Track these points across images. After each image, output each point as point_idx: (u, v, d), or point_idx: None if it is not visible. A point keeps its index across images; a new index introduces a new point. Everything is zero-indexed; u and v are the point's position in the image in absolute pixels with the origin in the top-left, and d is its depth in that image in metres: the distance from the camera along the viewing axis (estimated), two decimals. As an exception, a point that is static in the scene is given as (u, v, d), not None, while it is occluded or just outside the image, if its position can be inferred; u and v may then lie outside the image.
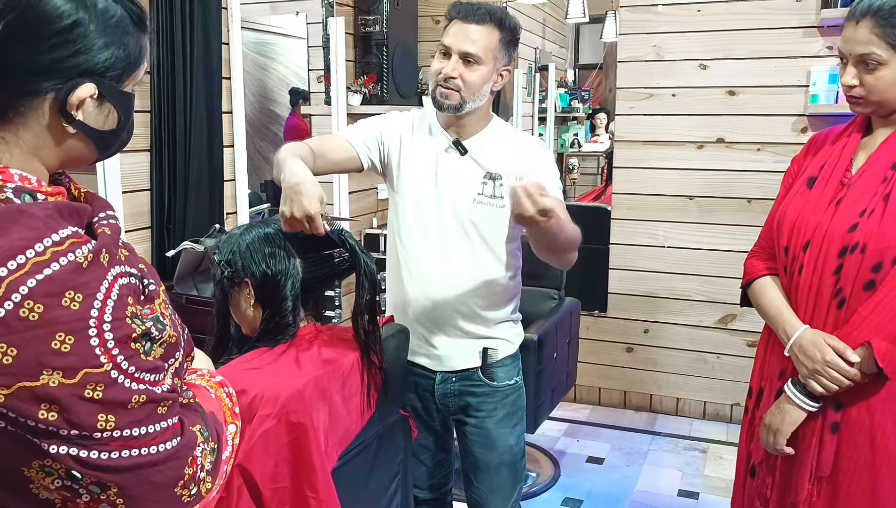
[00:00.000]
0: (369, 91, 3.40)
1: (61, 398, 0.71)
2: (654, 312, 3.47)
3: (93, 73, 0.79)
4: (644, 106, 3.34)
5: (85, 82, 0.79)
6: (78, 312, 0.71)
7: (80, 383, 0.71)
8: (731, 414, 3.42)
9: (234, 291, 1.41)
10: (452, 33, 1.63)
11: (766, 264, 1.60)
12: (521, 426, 1.83)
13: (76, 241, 0.74)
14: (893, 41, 1.35)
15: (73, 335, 0.71)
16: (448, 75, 1.61)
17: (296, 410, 1.23)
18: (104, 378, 0.73)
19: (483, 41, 1.61)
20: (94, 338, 0.72)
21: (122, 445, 0.75)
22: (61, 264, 0.71)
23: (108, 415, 0.73)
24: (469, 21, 1.61)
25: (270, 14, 3.73)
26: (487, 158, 1.69)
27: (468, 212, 1.68)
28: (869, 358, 1.36)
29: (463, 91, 1.62)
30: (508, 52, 1.67)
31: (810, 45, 3.04)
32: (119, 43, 0.81)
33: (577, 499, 2.79)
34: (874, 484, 1.42)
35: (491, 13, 1.62)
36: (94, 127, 0.82)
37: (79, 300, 0.72)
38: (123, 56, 0.82)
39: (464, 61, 1.62)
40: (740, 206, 3.23)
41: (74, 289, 0.72)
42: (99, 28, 0.79)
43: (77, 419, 0.72)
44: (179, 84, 2.42)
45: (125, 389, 0.74)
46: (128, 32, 0.82)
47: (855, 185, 1.44)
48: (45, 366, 0.70)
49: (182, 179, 2.48)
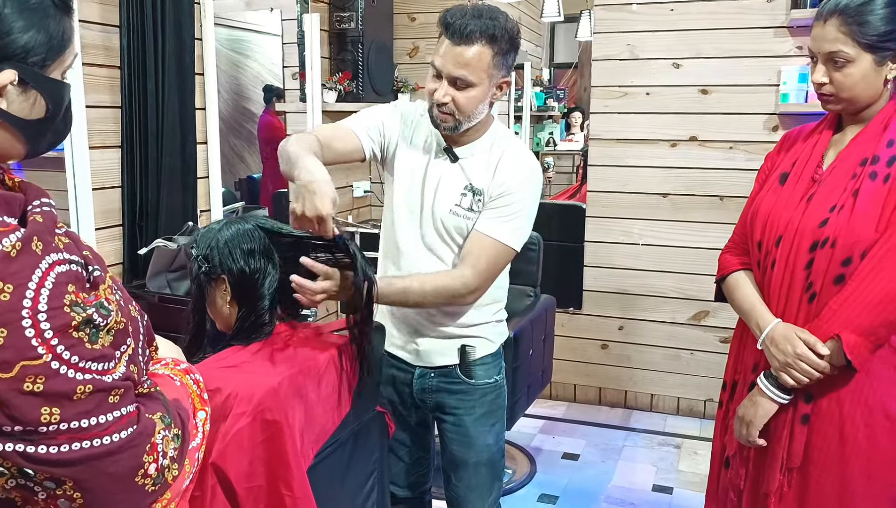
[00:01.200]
0: (344, 88, 3.39)
1: (0, 394, 0.68)
2: (628, 309, 3.50)
3: (12, 57, 0.77)
4: (618, 105, 3.36)
5: (4, 68, 0.76)
6: (9, 303, 0.68)
7: (17, 376, 0.69)
8: (705, 410, 3.46)
9: (210, 287, 1.40)
10: (442, 54, 1.54)
11: (740, 260, 1.63)
12: (500, 425, 1.82)
13: (2, 230, 0.71)
14: (860, 39, 1.37)
15: (5, 327, 0.68)
16: (440, 101, 1.55)
17: (270, 408, 1.22)
18: (44, 370, 0.70)
19: (474, 63, 1.52)
20: (29, 329, 0.69)
21: (71, 437, 0.72)
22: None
23: (52, 408, 0.70)
24: (458, 43, 1.51)
25: (245, 10, 3.69)
26: (474, 169, 1.65)
27: (444, 220, 1.65)
28: (838, 351, 1.39)
29: (457, 114, 1.57)
30: (506, 62, 1.58)
31: (781, 44, 3.08)
32: (39, 26, 0.78)
33: (552, 495, 2.80)
34: (843, 474, 1.45)
35: (482, 30, 1.50)
36: (19, 116, 0.79)
37: (9, 291, 0.69)
38: (45, 40, 0.79)
39: (454, 85, 1.54)
40: (713, 203, 3.27)
41: (2, 280, 0.69)
42: (15, 11, 0.76)
43: (18, 413, 0.69)
44: (151, 79, 2.38)
45: (68, 380, 0.72)
46: (48, 15, 0.79)
47: (825, 181, 1.47)
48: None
49: (154, 176, 2.44)
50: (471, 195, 1.64)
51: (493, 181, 1.62)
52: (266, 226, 1.41)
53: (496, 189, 1.62)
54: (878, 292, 1.35)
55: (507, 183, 1.61)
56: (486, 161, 1.65)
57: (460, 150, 1.66)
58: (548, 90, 6.08)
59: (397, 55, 3.80)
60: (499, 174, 1.62)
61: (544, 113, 5.99)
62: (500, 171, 1.63)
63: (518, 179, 1.63)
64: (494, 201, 1.62)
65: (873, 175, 1.40)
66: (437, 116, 1.59)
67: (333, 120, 3.46)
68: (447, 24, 1.53)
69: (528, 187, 1.64)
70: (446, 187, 1.65)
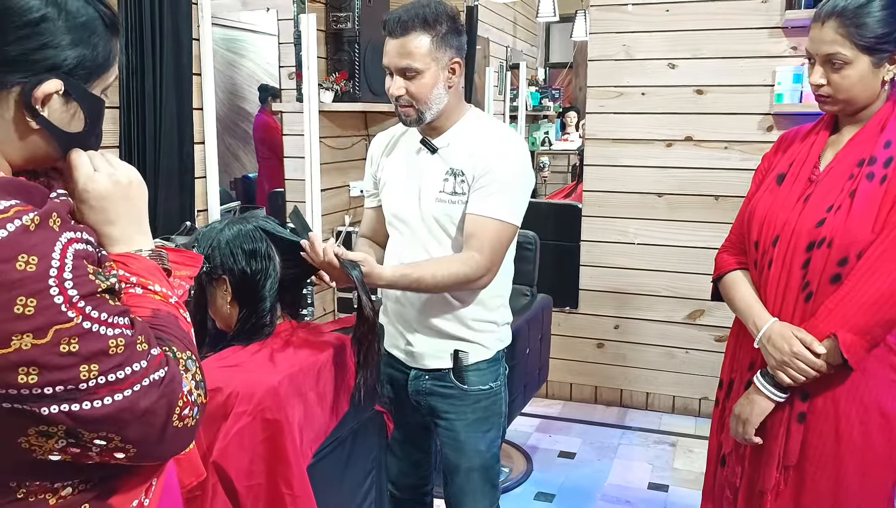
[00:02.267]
0: (341, 88, 3.39)
1: (37, 359, 0.71)
2: (624, 308, 3.51)
3: (59, 69, 0.80)
4: (614, 104, 3.37)
5: (51, 78, 0.80)
6: (35, 273, 0.71)
7: (52, 341, 0.71)
8: (700, 408, 3.47)
9: (211, 287, 1.40)
10: (386, 52, 1.61)
11: (737, 259, 1.64)
12: (494, 432, 1.79)
13: (21, 209, 0.73)
14: (858, 41, 1.39)
15: (34, 296, 0.71)
16: (395, 95, 1.61)
17: (271, 407, 1.23)
18: (76, 331, 0.73)
19: (414, 51, 1.57)
20: (58, 296, 0.72)
21: (114, 389, 0.75)
22: (8, 229, 0.71)
23: (90, 364, 0.73)
24: (395, 36, 1.58)
25: (241, 10, 3.69)
26: (453, 153, 1.67)
27: (431, 210, 1.66)
28: (834, 350, 1.40)
29: (416, 104, 1.61)
30: (450, 44, 1.61)
31: (775, 45, 3.10)
32: (87, 43, 0.82)
33: (549, 493, 2.81)
34: (839, 472, 1.46)
35: (414, 17, 1.56)
36: (59, 126, 0.83)
37: (34, 263, 0.71)
38: (91, 57, 0.82)
39: (404, 77, 1.59)
40: (708, 203, 3.28)
41: (26, 252, 0.71)
42: (67, 25, 0.80)
43: (59, 375, 0.72)
44: (149, 80, 2.38)
45: (101, 336, 0.75)
46: (97, 34, 0.83)
47: (822, 181, 1.48)
48: (13, 332, 0.70)
49: (152, 177, 2.44)
50: (452, 179, 1.65)
51: (474, 161, 1.63)
52: (267, 227, 1.41)
53: (479, 169, 1.62)
54: (874, 291, 1.36)
55: (488, 160, 1.62)
56: (464, 143, 1.67)
57: (438, 140, 1.69)
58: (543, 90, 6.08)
59: (393, 55, 3.80)
60: (478, 153, 1.63)
61: (540, 113, 6.00)
62: (479, 150, 1.64)
63: (498, 154, 1.63)
64: (479, 181, 1.62)
65: (870, 176, 1.41)
66: (401, 112, 1.64)
67: (330, 120, 3.47)
68: (385, 24, 1.60)
69: (511, 161, 1.64)
70: (429, 178, 1.68)
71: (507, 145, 1.66)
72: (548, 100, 6.01)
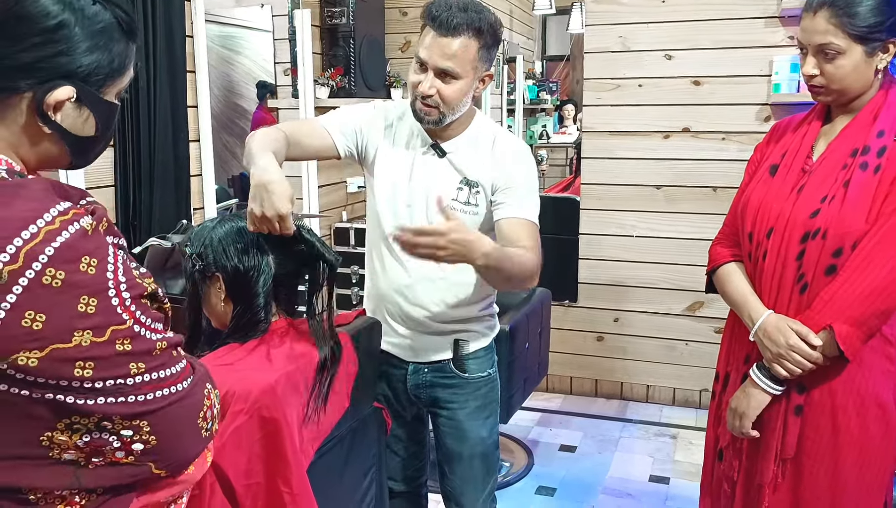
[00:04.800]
0: (337, 84, 3.38)
1: (96, 356, 0.76)
2: (623, 301, 3.51)
3: (74, 76, 0.80)
4: (611, 97, 3.36)
5: (64, 84, 0.80)
6: (96, 275, 0.76)
7: (109, 340, 0.76)
8: (700, 400, 3.47)
9: (205, 285, 1.40)
10: (427, 46, 1.54)
11: (731, 251, 1.63)
12: (493, 419, 1.83)
13: (78, 211, 0.77)
14: (850, 30, 1.38)
15: (95, 296, 0.76)
16: (425, 94, 1.55)
17: (268, 405, 1.23)
18: (129, 333, 0.78)
19: (460, 55, 1.53)
20: (115, 298, 0.77)
21: (154, 387, 0.80)
22: (70, 232, 0.75)
23: (138, 363, 0.79)
24: (444, 34, 1.51)
25: (235, 6, 3.68)
26: (465, 162, 1.65)
27: (440, 217, 1.66)
28: (830, 341, 1.40)
29: (442, 107, 1.57)
30: (490, 55, 1.59)
31: (772, 35, 3.08)
32: (104, 48, 0.82)
33: (550, 487, 2.81)
34: (836, 464, 1.46)
35: (468, 22, 1.51)
36: (71, 131, 0.83)
37: (94, 265, 0.76)
38: (107, 62, 0.83)
39: (440, 77, 1.55)
40: (706, 194, 3.28)
41: (89, 254, 0.76)
42: (84, 32, 0.80)
43: (112, 371, 0.77)
44: (143, 78, 2.37)
45: (148, 340, 0.80)
46: (114, 39, 0.83)
47: (816, 172, 1.47)
48: (75, 328, 0.74)
49: (147, 175, 2.44)
50: (467, 189, 1.64)
51: (497, 172, 1.64)
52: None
53: (503, 178, 1.63)
54: (869, 282, 1.36)
55: (512, 168, 1.64)
56: (475, 152, 1.66)
57: (447, 144, 1.66)
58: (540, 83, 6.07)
59: (389, 50, 3.79)
60: (500, 163, 1.65)
61: (537, 106, 5.99)
62: (500, 159, 1.65)
63: (519, 163, 1.66)
64: (509, 190, 1.63)
65: (864, 166, 1.41)
66: (421, 109, 1.59)
67: (326, 116, 3.46)
68: (433, 16, 1.53)
69: (528, 166, 1.69)
70: (439, 184, 1.65)
71: (522, 152, 1.70)
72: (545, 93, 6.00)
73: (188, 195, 2.62)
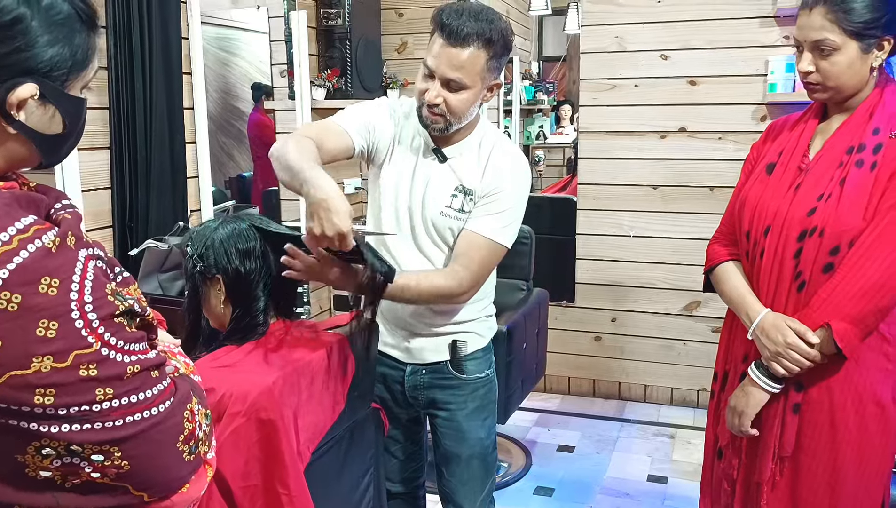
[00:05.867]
0: (333, 85, 3.38)
1: (57, 382, 0.71)
2: (620, 300, 3.51)
3: (35, 72, 0.76)
4: (607, 97, 3.37)
5: (26, 82, 0.76)
6: (57, 297, 0.71)
7: (72, 365, 0.72)
8: (698, 399, 3.48)
9: (205, 286, 1.39)
10: (436, 55, 1.52)
11: (728, 250, 1.63)
12: (491, 419, 1.83)
13: (40, 228, 0.73)
14: (846, 26, 1.38)
15: (56, 320, 0.71)
16: (432, 102, 1.54)
17: (265, 407, 1.22)
18: (95, 357, 0.73)
19: (469, 66, 1.50)
20: (79, 321, 0.72)
21: (124, 412, 0.76)
22: (30, 251, 0.71)
23: (105, 389, 0.74)
24: (454, 45, 1.49)
25: (231, 8, 3.68)
26: (464, 169, 1.64)
27: (434, 221, 1.64)
28: (828, 339, 1.40)
29: (448, 116, 1.55)
30: (499, 64, 1.56)
31: (768, 34, 3.09)
32: (64, 41, 0.78)
33: (548, 487, 2.81)
34: (834, 462, 1.46)
35: (479, 32, 1.48)
36: (37, 130, 0.79)
37: (56, 286, 0.71)
38: (69, 55, 0.79)
39: (448, 87, 1.53)
40: (703, 194, 3.28)
41: (49, 275, 0.71)
42: (42, 25, 0.76)
43: (75, 397, 0.73)
44: (139, 80, 2.37)
45: (118, 363, 0.75)
46: (75, 31, 0.79)
47: (812, 170, 1.48)
48: (34, 354, 0.70)
49: (144, 177, 2.43)
50: (462, 196, 1.63)
51: (483, 183, 1.62)
52: (261, 226, 1.41)
53: (486, 188, 1.61)
54: (866, 279, 1.36)
55: (496, 181, 1.61)
56: (475, 160, 1.65)
57: (449, 149, 1.65)
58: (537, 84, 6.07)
59: (385, 51, 3.79)
60: (488, 175, 1.62)
61: (534, 106, 5.99)
62: (489, 169, 1.62)
63: (506, 176, 1.62)
64: (484, 199, 1.61)
65: (860, 163, 1.41)
66: (427, 117, 1.58)
67: (323, 117, 3.45)
68: (443, 25, 1.50)
69: (517, 184, 1.64)
70: (436, 189, 1.64)
71: (516, 167, 1.65)
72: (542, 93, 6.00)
73: (185, 197, 2.61)
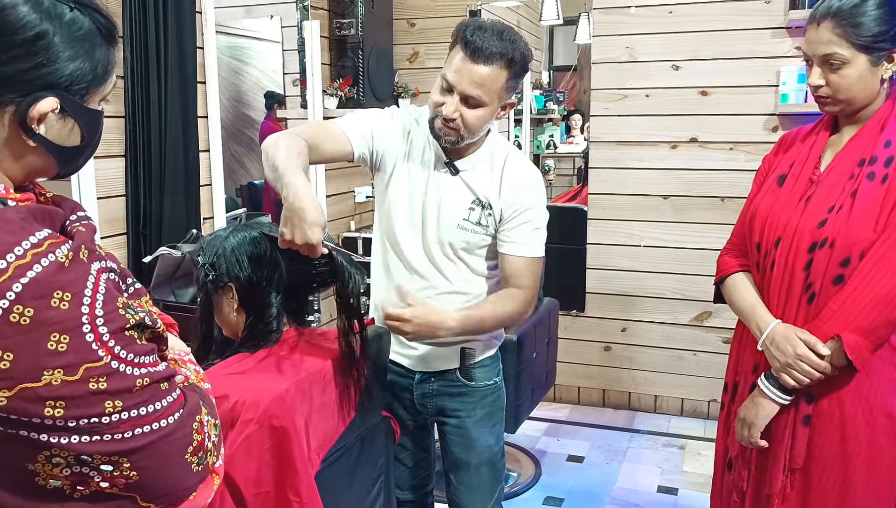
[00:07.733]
0: (345, 94, 3.40)
1: (67, 395, 0.72)
2: (630, 310, 3.51)
3: (56, 86, 0.78)
4: (618, 107, 3.37)
5: (47, 96, 0.77)
6: (69, 311, 0.72)
7: (82, 378, 0.73)
8: (709, 410, 3.46)
9: (217, 294, 1.40)
10: (456, 70, 1.52)
11: (739, 261, 1.63)
12: (500, 427, 1.83)
13: (54, 242, 0.73)
14: (855, 40, 1.38)
15: (67, 334, 0.72)
16: (449, 117, 1.54)
17: (278, 414, 1.23)
18: (105, 370, 0.74)
19: (489, 84, 1.51)
20: (89, 334, 0.73)
21: (133, 425, 0.77)
22: (43, 265, 0.71)
23: (114, 401, 0.75)
24: (476, 61, 1.49)
25: (245, 18, 3.71)
26: (478, 182, 1.65)
27: (450, 235, 1.65)
28: (839, 351, 1.39)
29: (462, 131, 1.56)
30: (516, 84, 1.58)
31: (779, 45, 3.09)
32: (85, 56, 0.79)
33: (558, 498, 2.80)
34: (845, 474, 1.46)
35: (502, 52, 1.49)
36: (56, 142, 0.81)
37: (67, 300, 0.72)
38: (89, 70, 0.80)
39: (466, 102, 1.53)
40: (714, 204, 3.28)
41: (61, 289, 0.72)
42: (64, 40, 0.77)
43: (85, 410, 0.73)
44: (154, 89, 2.40)
45: (127, 376, 0.76)
46: (95, 45, 0.81)
47: (823, 182, 1.48)
48: (44, 367, 0.71)
49: (158, 185, 2.46)
50: (479, 209, 1.65)
51: (505, 201, 1.64)
52: (273, 234, 1.42)
53: (511, 208, 1.64)
54: (877, 291, 1.36)
55: (521, 200, 1.64)
56: (488, 172, 1.66)
57: (461, 162, 1.66)
58: (547, 93, 6.08)
59: (397, 61, 3.81)
60: (508, 192, 1.64)
61: (544, 116, 5.99)
62: (509, 188, 1.64)
63: (527, 191, 1.67)
64: (515, 220, 1.64)
65: (871, 176, 1.41)
66: (441, 130, 1.58)
67: (335, 126, 3.47)
68: (467, 41, 1.50)
69: (538, 196, 1.69)
70: (451, 202, 1.65)
71: (533, 180, 1.70)
72: (552, 103, 6.00)
73: (198, 205, 2.63)
